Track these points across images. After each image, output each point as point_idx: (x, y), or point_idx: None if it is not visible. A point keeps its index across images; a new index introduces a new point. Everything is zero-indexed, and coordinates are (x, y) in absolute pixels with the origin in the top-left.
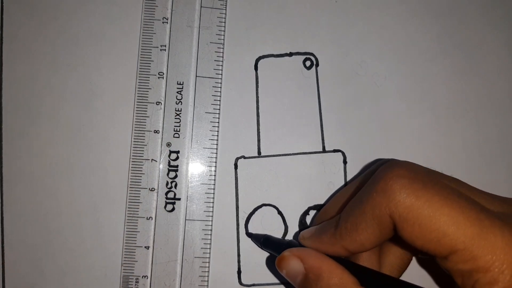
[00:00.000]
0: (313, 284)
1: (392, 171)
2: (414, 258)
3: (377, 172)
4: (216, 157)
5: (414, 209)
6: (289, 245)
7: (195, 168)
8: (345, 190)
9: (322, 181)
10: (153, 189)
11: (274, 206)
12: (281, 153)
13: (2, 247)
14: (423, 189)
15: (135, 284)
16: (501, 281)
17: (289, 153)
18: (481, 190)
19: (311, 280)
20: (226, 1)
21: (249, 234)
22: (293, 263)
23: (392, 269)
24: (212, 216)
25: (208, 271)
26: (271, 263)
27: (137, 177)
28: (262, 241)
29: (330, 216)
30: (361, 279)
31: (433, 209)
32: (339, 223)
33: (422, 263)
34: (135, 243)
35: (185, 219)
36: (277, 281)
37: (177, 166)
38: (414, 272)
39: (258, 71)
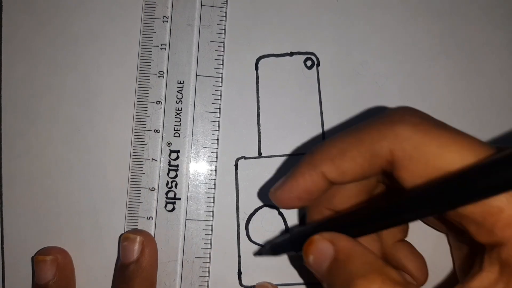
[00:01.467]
0: (343, 265)
1: (404, 109)
2: None
3: (386, 111)
4: (216, 157)
5: (423, 146)
6: (295, 235)
7: (195, 168)
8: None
9: None
10: (153, 189)
11: (275, 207)
12: (282, 154)
13: (2, 247)
14: (435, 127)
15: None
16: None
17: (290, 153)
18: None
19: (340, 261)
20: None
21: (259, 252)
22: (322, 246)
23: None
24: (212, 216)
25: (208, 272)
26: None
27: (137, 177)
28: (271, 248)
29: None
30: None
31: (442, 147)
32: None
33: None
34: None
35: (186, 219)
36: (278, 282)
37: (177, 165)
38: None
39: (259, 71)
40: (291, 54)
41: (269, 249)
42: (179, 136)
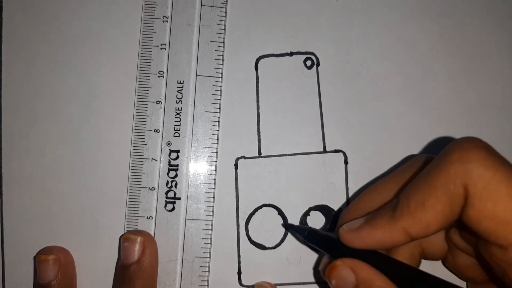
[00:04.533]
0: None
1: (471, 141)
2: None
3: (449, 145)
4: (216, 156)
5: (492, 183)
6: (338, 241)
7: (195, 168)
8: (380, 183)
9: (323, 182)
10: (153, 189)
11: (275, 207)
12: (281, 153)
13: (2, 247)
14: (502, 164)
15: None
16: None
17: (289, 153)
18: None
19: None
20: None
21: (290, 226)
22: (345, 273)
23: None
24: (212, 216)
25: (208, 271)
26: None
27: (137, 177)
28: (306, 234)
29: (364, 212)
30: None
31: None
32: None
33: None
34: None
35: (185, 219)
36: (277, 281)
37: (177, 165)
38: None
39: (259, 71)
40: (291, 54)
41: (306, 234)
42: (179, 136)
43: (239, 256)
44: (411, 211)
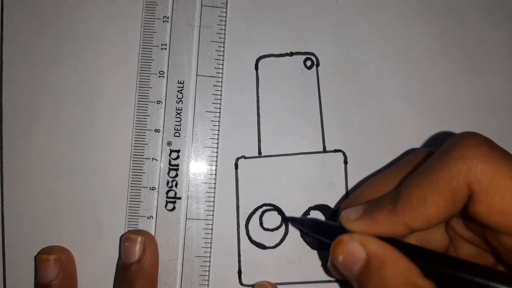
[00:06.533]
0: (375, 272)
1: (471, 138)
2: None
3: (450, 142)
4: (216, 156)
5: (497, 178)
6: (342, 229)
7: (196, 167)
8: (381, 175)
9: (322, 181)
10: (153, 188)
11: (275, 206)
12: (281, 153)
13: (3, 246)
14: (504, 158)
15: None
16: None
17: (289, 153)
18: None
19: (373, 268)
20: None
21: (291, 219)
22: (353, 248)
23: None
24: (212, 215)
25: (208, 270)
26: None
27: (137, 176)
28: (309, 225)
29: (364, 201)
30: (424, 266)
31: None
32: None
33: None
34: None
35: (186, 218)
36: (277, 281)
37: (177, 165)
38: None
39: (259, 71)
40: (291, 54)
41: (308, 225)
42: (179, 136)
43: (239, 255)
44: (413, 206)
